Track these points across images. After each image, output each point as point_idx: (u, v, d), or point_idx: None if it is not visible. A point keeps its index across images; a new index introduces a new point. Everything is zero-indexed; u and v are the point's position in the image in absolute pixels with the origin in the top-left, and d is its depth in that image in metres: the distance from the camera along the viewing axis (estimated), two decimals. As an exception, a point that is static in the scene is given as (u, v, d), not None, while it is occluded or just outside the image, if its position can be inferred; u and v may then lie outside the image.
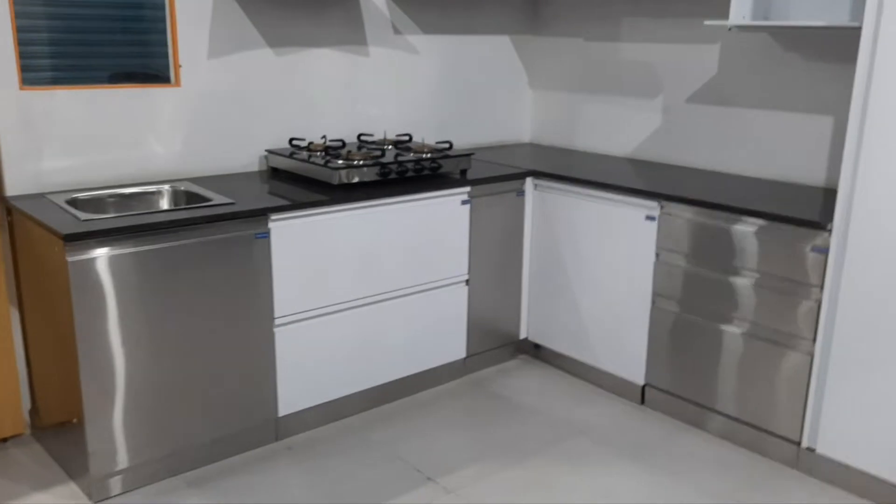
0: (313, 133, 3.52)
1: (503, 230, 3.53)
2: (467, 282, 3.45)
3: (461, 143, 4.08)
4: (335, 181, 3.01)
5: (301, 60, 3.42)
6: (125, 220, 2.49)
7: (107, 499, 2.60)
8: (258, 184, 3.13)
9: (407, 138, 3.65)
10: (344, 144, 3.35)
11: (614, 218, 3.26)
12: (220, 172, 3.28)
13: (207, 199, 2.81)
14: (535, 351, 3.78)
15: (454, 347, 3.48)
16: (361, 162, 3.09)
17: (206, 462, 2.81)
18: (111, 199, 2.88)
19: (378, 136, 3.71)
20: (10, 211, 2.80)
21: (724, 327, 2.97)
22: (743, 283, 2.88)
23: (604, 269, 3.34)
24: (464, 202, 3.34)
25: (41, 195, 2.80)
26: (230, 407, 2.80)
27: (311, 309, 2.94)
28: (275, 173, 3.32)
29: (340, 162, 3.07)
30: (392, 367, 3.26)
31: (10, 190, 2.79)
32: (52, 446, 2.83)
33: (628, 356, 3.31)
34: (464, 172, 3.42)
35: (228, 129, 3.26)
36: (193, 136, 3.17)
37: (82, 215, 2.52)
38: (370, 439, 3.03)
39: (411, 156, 3.29)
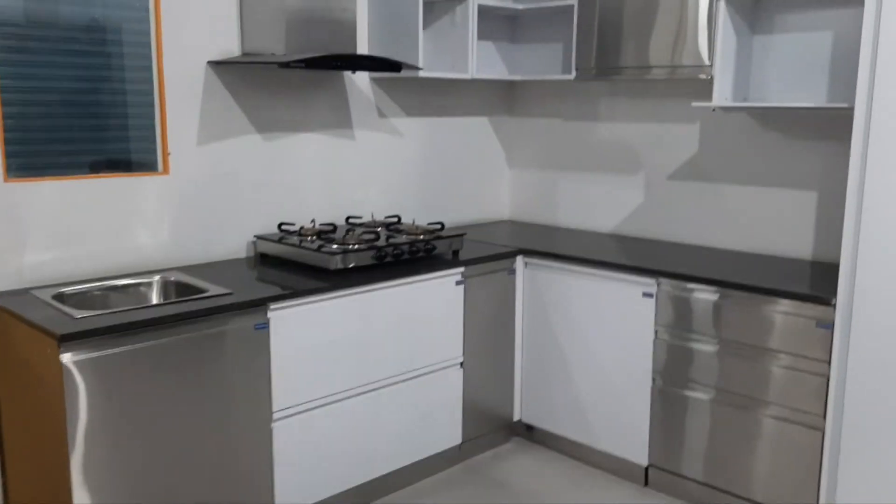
0: (300, 217, 3.46)
1: (496, 309, 3.50)
2: (462, 364, 3.38)
3: (444, 220, 4.07)
4: (332, 266, 2.95)
5: (288, 144, 3.39)
6: (123, 317, 2.38)
7: None
8: (248, 271, 3.04)
9: (396, 220, 3.61)
10: (335, 228, 3.30)
11: (610, 295, 3.25)
12: (208, 260, 3.18)
13: (202, 290, 2.71)
14: (527, 433, 3.70)
15: (450, 433, 3.38)
16: (357, 246, 3.04)
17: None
18: (99, 293, 2.75)
19: (367, 219, 3.67)
20: (-10, 308, 2.64)
21: (730, 404, 2.95)
22: (746, 359, 2.89)
23: (600, 347, 3.32)
24: (458, 283, 3.30)
25: (25, 290, 2.66)
26: (227, 510, 2.64)
27: (309, 400, 2.83)
28: (263, 259, 3.24)
29: (336, 247, 3.01)
30: (388, 457, 3.14)
31: (-9, 286, 2.65)
32: (31, 562, 2.61)
33: (629, 436, 3.27)
34: (456, 253, 3.40)
35: (216, 215, 3.18)
36: (181, 223, 3.08)
37: (76, 312, 2.39)
38: (372, 536, 2.89)
39: (405, 238, 3.25)
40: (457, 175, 4.11)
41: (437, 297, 3.22)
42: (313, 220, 3.39)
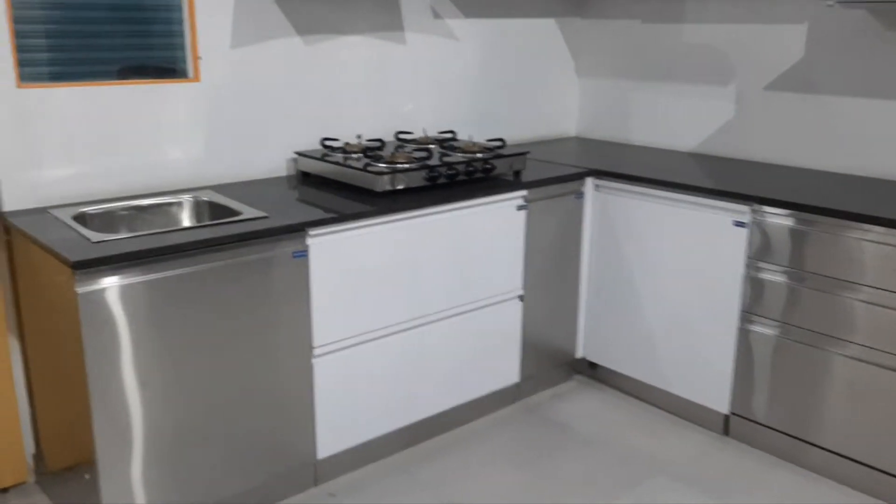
0: (344, 131, 3.13)
1: (560, 238, 3.15)
2: (521, 297, 3.07)
3: (505, 137, 3.69)
4: (378, 188, 2.63)
5: (331, 49, 3.03)
6: (146, 241, 2.11)
7: (126, 565, 2.23)
8: (288, 191, 2.75)
9: (451, 135, 3.25)
10: (383, 144, 2.96)
11: (693, 224, 2.87)
12: (244, 178, 2.89)
13: (236, 212, 2.43)
14: (591, 371, 3.41)
15: (507, 371, 3.10)
16: (406, 165, 2.71)
17: (237, 515, 2.44)
18: (124, 213, 2.50)
19: (418, 134, 3.31)
20: (7, 229, 2.42)
21: (831, 351, 2.58)
22: (855, 300, 2.50)
23: (678, 282, 2.96)
24: (519, 207, 2.96)
25: (43, 210, 2.41)
26: (264, 451, 2.43)
27: (353, 335, 2.57)
28: (305, 178, 2.94)
29: (383, 165, 2.69)
30: (440, 396, 2.89)
31: (8, 204, 2.41)
32: (60, 496, 2.46)
33: (709, 381, 2.94)
34: (518, 174, 3.04)
35: (252, 128, 2.87)
36: (214, 137, 2.79)
37: (93, 235, 2.14)
38: (418, 479, 2.66)
39: (460, 156, 2.90)
40: (519, 85, 3.70)
41: (495, 222, 2.89)
42: (359, 136, 3.06)
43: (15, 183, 2.41)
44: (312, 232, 2.39)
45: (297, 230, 2.35)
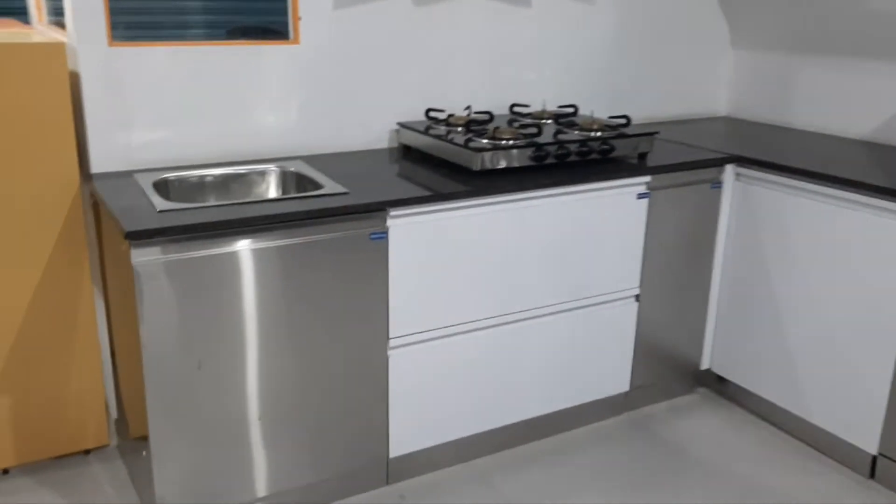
0: (454, 102, 2.87)
1: (690, 232, 2.75)
2: (637, 297, 2.71)
3: (638, 116, 3.30)
4: (475, 166, 2.36)
5: (444, 12, 2.77)
6: (212, 213, 1.98)
7: (181, 547, 2.15)
8: (385, 166, 2.54)
9: (572, 110, 2.92)
10: (492, 118, 2.68)
11: (857, 228, 2.39)
12: (342, 149, 2.72)
13: (319, 186, 2.26)
14: (718, 385, 2.99)
15: (615, 378, 2.77)
16: (511, 141, 2.42)
17: (300, 507, 2.30)
18: (208, 181, 2.39)
19: (535, 108, 3.00)
20: (93, 192, 2.38)
21: None
22: None
23: (832, 295, 2.49)
24: (640, 195, 2.59)
25: (128, 173, 2.35)
26: (333, 444, 2.27)
27: (434, 328, 2.34)
28: (407, 152, 2.72)
29: (485, 141, 2.42)
30: (534, 401, 2.61)
31: (97, 167, 2.37)
32: (133, 465, 2.42)
33: (857, 414, 2.46)
34: (643, 157, 2.67)
35: (353, 95, 2.69)
36: (312, 103, 2.62)
37: (161, 204, 2.03)
38: (500, 490, 2.41)
39: (576, 134, 2.57)
40: (660, 56, 3.29)
41: (611, 211, 2.55)
42: (468, 107, 2.79)
43: (104, 145, 2.36)
44: (393, 212, 2.17)
45: (377, 210, 2.14)
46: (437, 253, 2.27)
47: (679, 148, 2.85)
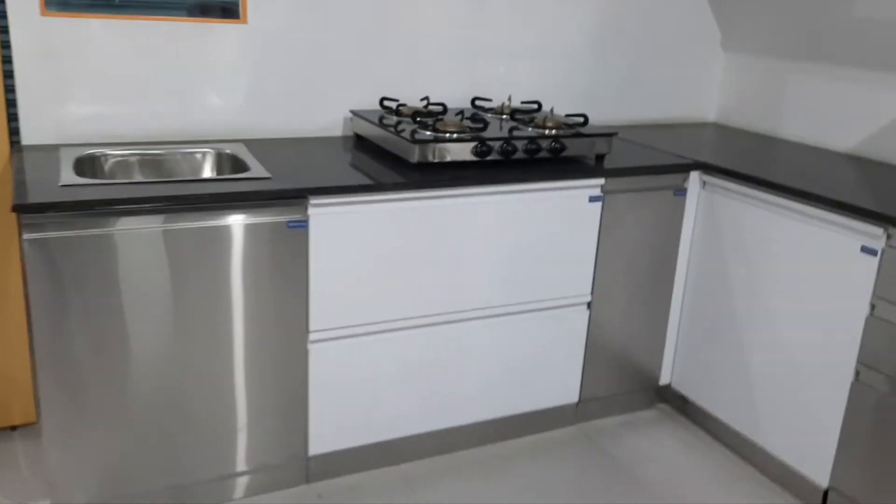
0: (418, 93, 2.77)
1: (649, 240, 2.61)
2: (589, 304, 2.58)
3: (620, 118, 3.16)
4: (413, 158, 2.26)
5: (405, 3, 2.67)
6: (112, 191, 1.91)
7: (76, 533, 2.09)
8: (330, 154, 2.46)
9: (535, 107, 2.79)
10: (445, 111, 2.57)
11: (816, 245, 2.24)
12: (293, 135, 2.64)
13: (245, 169, 2.18)
14: (679, 403, 2.84)
15: (564, 388, 2.64)
16: (455, 135, 2.31)
17: (215, 499, 2.22)
18: (140, 160, 2.32)
19: (499, 102, 2.88)
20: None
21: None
22: None
23: (792, 315, 2.33)
24: (593, 199, 2.46)
25: (57, 147, 2.29)
26: (248, 437, 2.19)
27: (361, 324, 2.24)
28: (360, 142, 2.63)
29: (428, 133, 2.31)
30: (472, 406, 2.50)
31: (27, 138, 2.32)
32: (52, 447, 2.37)
33: (810, 443, 2.30)
34: (600, 158, 2.53)
35: (307, 80, 2.60)
36: (260, 86, 2.54)
37: (69, 179, 1.97)
38: (423, 497, 2.30)
39: (530, 131, 2.45)
40: (645, 56, 3.14)
41: (561, 213, 2.42)
42: (425, 98, 2.69)
43: (36, 117, 2.30)
44: (314, 201, 2.08)
45: (295, 197, 2.04)
46: (364, 246, 2.17)
47: (644, 151, 2.71)
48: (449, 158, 2.30)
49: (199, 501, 2.19)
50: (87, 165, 2.21)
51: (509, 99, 2.80)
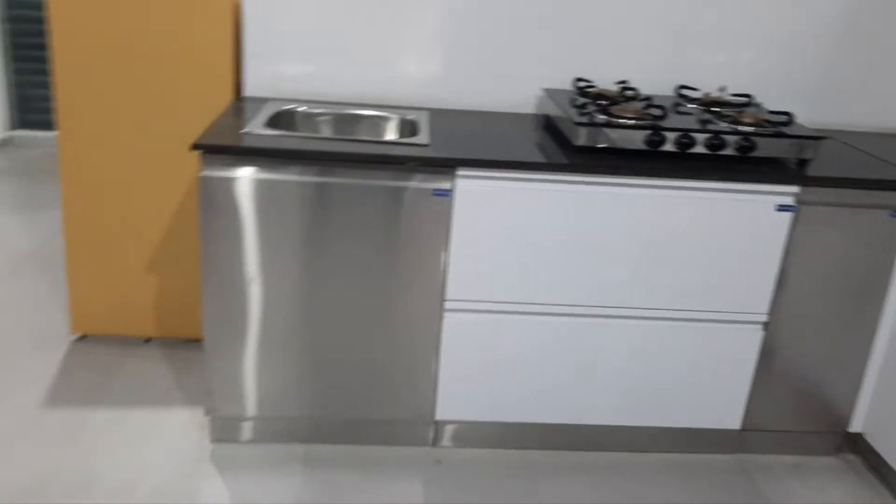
0: (620, 75, 2.65)
1: (852, 264, 2.26)
2: (765, 325, 2.31)
3: (844, 121, 2.75)
4: (576, 141, 2.19)
5: (618, -23, 2.56)
6: (279, 141, 2.10)
7: (224, 442, 2.37)
8: (506, 130, 2.46)
9: (745, 100, 2.53)
10: (636, 96, 2.43)
11: None
12: (482, 108, 2.67)
13: (415, 135, 2.27)
14: (871, 458, 2.45)
15: (723, 409, 2.41)
16: (631, 121, 2.19)
17: (339, 440, 2.38)
18: (329, 118, 2.52)
19: (706, 91, 2.65)
20: (237, 111, 2.64)
21: None
22: None
23: None
24: (781, 207, 2.19)
25: (265, 100, 2.56)
26: (381, 387, 2.30)
27: (496, 301, 2.23)
28: (546, 121, 2.59)
29: (601, 117, 2.21)
30: (609, 408, 2.38)
31: (248, 90, 2.62)
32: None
33: None
34: (802, 163, 2.24)
35: (501, 56, 2.62)
36: (456, 58, 2.61)
37: (254, 127, 2.20)
38: (537, 489, 2.25)
39: (722, 125, 2.24)
40: (887, 54, 2.70)
41: (736, 218, 2.19)
42: (623, 82, 2.56)
43: (256, 72, 2.59)
44: (461, 172, 2.10)
45: (442, 166, 2.09)
46: (508, 224, 2.16)
47: (861, 162, 2.34)
48: (617, 145, 2.18)
49: (328, 433, 2.36)
50: (283, 118, 2.44)
51: (722, 90, 2.57)
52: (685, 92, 2.63)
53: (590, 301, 2.24)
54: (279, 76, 2.60)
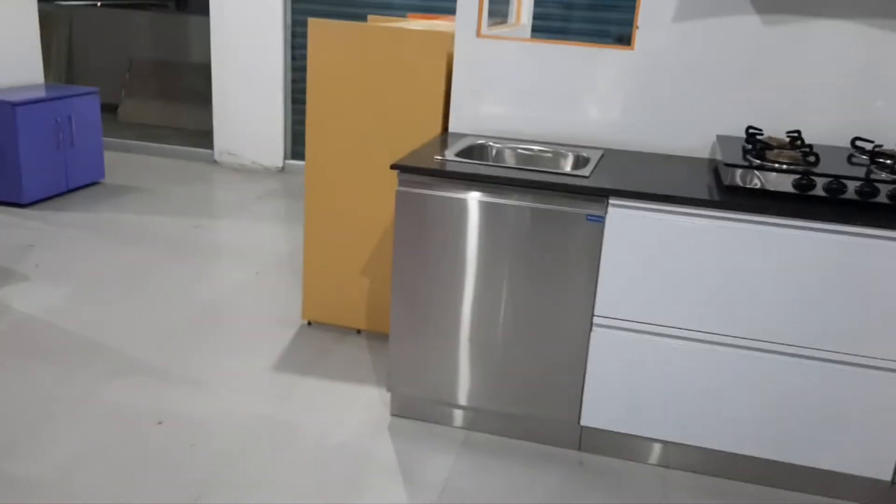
0: (795, 125, 2.77)
1: None
2: (919, 376, 2.30)
3: None
4: (725, 180, 2.38)
5: (797, 33, 2.70)
6: (460, 167, 2.53)
7: (400, 416, 2.81)
8: (674, 170, 2.68)
9: (925, 154, 2.53)
10: (803, 146, 2.55)
11: None
12: (658, 151, 2.92)
13: (581, 168, 2.60)
14: None
15: (872, 458, 2.40)
16: (784, 165, 2.34)
17: (495, 431, 2.73)
18: (512, 152, 2.92)
19: (884, 144, 2.67)
20: (443, 144, 3.13)
21: None
22: None
23: None
24: (935, 258, 2.20)
25: (464, 135, 3.03)
26: (533, 387, 2.62)
27: (641, 321, 2.46)
28: (714, 165, 2.78)
29: (755, 161, 2.39)
30: (748, 438, 2.48)
31: (452, 127, 3.11)
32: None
33: None
34: (967, 216, 2.23)
35: (680, 104, 2.85)
36: (635, 105, 2.90)
37: (446, 155, 2.66)
38: (672, 498, 2.42)
39: (883, 175, 2.31)
40: None
41: (883, 265, 2.24)
42: (795, 132, 2.68)
43: (460, 111, 3.07)
44: (614, 201, 2.39)
45: (595, 194, 2.39)
46: (655, 251, 2.39)
47: None
48: (767, 187, 2.34)
49: (487, 423, 2.71)
50: (476, 150, 2.88)
51: (899, 142, 2.59)
52: (860, 143, 2.67)
53: (736, 332, 2.39)
54: (478, 115, 3.05)
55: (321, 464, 2.53)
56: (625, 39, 3.02)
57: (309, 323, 3.51)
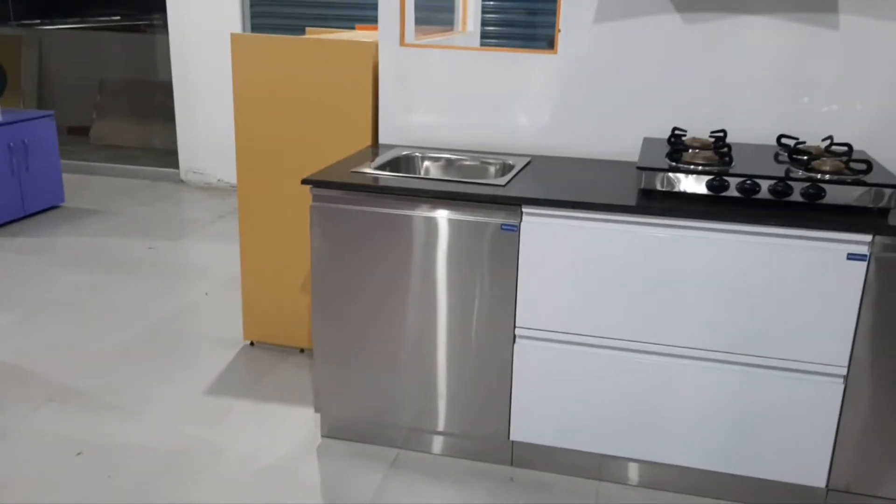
0: (719, 125, 2.72)
1: (941, 321, 2.13)
2: (845, 378, 2.24)
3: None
4: (639, 184, 2.32)
5: (721, 31, 2.65)
6: (373, 180, 2.48)
7: (331, 437, 2.75)
8: (596, 175, 2.62)
9: (845, 150, 2.47)
10: (723, 147, 2.49)
11: None
12: (589, 156, 2.86)
13: (488, 177, 2.54)
14: (983, 539, 2.22)
15: (804, 465, 2.33)
16: (698, 167, 2.29)
17: (426, 449, 2.66)
18: (438, 163, 2.86)
19: (810, 143, 2.62)
20: (372, 157, 3.07)
21: None
22: None
23: None
24: (852, 256, 2.14)
25: (392, 146, 2.97)
26: (460, 404, 2.56)
27: (563, 331, 2.40)
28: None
29: (669, 163, 2.33)
30: (682, 448, 2.41)
31: (382, 138, 3.05)
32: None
33: None
34: (883, 213, 2.17)
35: (607, 107, 2.80)
36: (563, 110, 2.84)
37: (363, 168, 2.60)
38: (601, 519, 2.36)
39: (799, 174, 2.25)
40: None
41: (800, 266, 2.18)
42: (720, 132, 2.63)
43: (390, 123, 3.02)
44: (527, 209, 2.33)
45: (509, 204, 2.33)
46: (571, 259, 2.33)
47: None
48: (680, 189, 2.28)
49: (417, 442, 2.65)
50: (402, 162, 2.83)
51: (828, 140, 2.53)
52: (785, 141, 2.62)
53: (658, 339, 2.33)
54: (405, 126, 3.00)
55: (242, 488, 2.46)
56: (549, 43, 2.98)
57: (252, 343, 3.45)
